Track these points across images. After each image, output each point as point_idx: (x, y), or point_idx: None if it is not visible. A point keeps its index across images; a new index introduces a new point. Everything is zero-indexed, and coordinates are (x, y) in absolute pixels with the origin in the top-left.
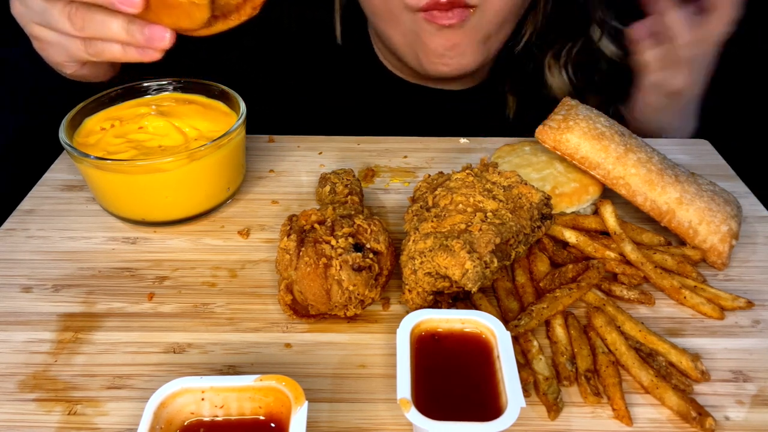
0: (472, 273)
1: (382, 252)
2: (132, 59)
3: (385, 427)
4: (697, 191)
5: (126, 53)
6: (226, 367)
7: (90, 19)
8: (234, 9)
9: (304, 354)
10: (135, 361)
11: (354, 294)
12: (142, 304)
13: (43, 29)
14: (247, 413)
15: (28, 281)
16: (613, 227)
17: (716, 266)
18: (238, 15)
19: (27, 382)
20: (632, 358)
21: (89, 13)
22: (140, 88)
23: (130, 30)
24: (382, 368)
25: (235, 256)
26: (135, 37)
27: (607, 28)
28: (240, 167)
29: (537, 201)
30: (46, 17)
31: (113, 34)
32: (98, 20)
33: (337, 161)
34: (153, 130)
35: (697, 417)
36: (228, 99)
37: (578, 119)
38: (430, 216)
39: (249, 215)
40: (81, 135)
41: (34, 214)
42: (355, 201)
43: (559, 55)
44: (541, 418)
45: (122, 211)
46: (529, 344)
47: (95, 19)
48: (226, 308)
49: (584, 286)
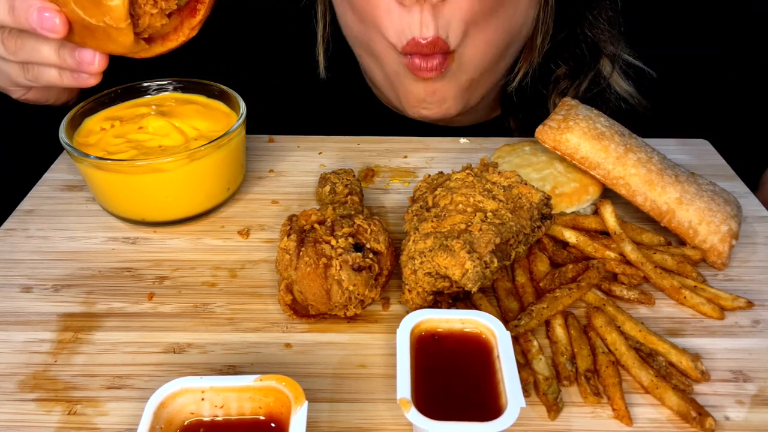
0: (472, 273)
1: (382, 252)
2: (68, 84)
3: (385, 427)
4: (697, 191)
5: (62, 78)
6: (226, 367)
7: (21, 44)
8: (171, 31)
9: (304, 354)
10: (135, 361)
11: (354, 294)
12: (142, 304)
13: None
14: (247, 413)
15: (28, 281)
16: (613, 227)
17: (716, 266)
18: (176, 36)
19: (27, 382)
20: (632, 358)
21: (20, 39)
22: (140, 88)
23: (61, 54)
24: (382, 368)
25: (235, 256)
26: (66, 62)
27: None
28: (240, 167)
29: (537, 201)
30: None
31: (45, 58)
32: (29, 45)
33: (337, 161)
34: (153, 130)
35: (697, 417)
36: (228, 99)
37: (578, 119)
38: (430, 216)
39: (249, 215)
40: (81, 135)
41: (34, 214)
42: (355, 201)
43: (566, 93)
44: (541, 418)
45: (122, 211)
46: (529, 344)
47: (26, 43)
48: (226, 308)
49: (584, 286)
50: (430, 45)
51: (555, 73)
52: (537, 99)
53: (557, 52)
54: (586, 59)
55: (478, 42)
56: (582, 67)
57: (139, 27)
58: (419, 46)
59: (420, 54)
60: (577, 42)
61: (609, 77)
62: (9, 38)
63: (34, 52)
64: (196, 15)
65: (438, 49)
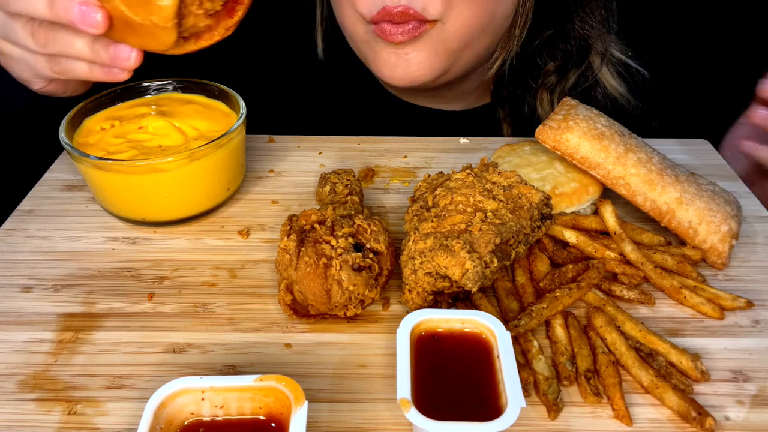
0: (472, 273)
1: (382, 252)
2: (97, 78)
3: (385, 427)
4: (697, 191)
5: (91, 72)
6: (226, 367)
7: (53, 37)
8: (206, 30)
9: (304, 354)
10: (135, 361)
11: (354, 294)
12: (142, 304)
13: (6, 44)
14: (247, 413)
15: (28, 281)
16: (613, 227)
17: (716, 266)
18: (210, 35)
19: (27, 382)
20: (632, 358)
21: (52, 31)
22: (140, 88)
23: (95, 48)
24: (382, 368)
25: (235, 256)
26: (99, 56)
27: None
28: (240, 167)
29: (537, 201)
30: (8, 32)
31: (77, 52)
32: (61, 38)
33: (337, 161)
34: (153, 130)
35: (697, 417)
36: (228, 99)
37: (578, 119)
38: (430, 216)
39: (249, 215)
40: (81, 135)
41: (34, 214)
42: (355, 201)
43: (553, 89)
44: (541, 418)
45: (122, 211)
46: (529, 344)
47: (58, 36)
48: (226, 308)
49: (584, 286)
50: (401, 14)
51: (545, 67)
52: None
53: (546, 47)
54: (574, 56)
55: (462, 12)
56: (570, 63)
57: (182, 27)
58: (389, 14)
59: (390, 21)
60: (566, 38)
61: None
62: (39, 30)
63: (66, 46)
64: (234, 16)
65: (409, 18)
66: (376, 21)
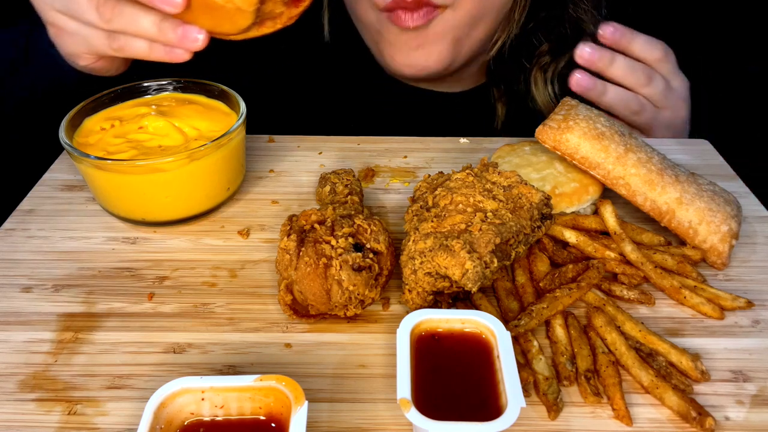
0: (472, 273)
1: (382, 252)
2: (157, 58)
3: (385, 427)
4: (697, 191)
5: (152, 51)
6: (226, 367)
7: (120, 11)
8: (270, 17)
9: (304, 354)
10: (135, 361)
11: (354, 294)
12: (142, 304)
13: (63, 17)
14: (247, 413)
15: (28, 281)
16: (613, 227)
17: (716, 266)
18: (273, 23)
19: (27, 382)
20: (632, 358)
21: (119, 5)
22: (140, 88)
23: (162, 27)
24: (382, 368)
25: (235, 256)
26: (166, 35)
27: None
28: (240, 167)
29: (537, 201)
30: (70, 5)
31: (143, 29)
32: (128, 13)
33: (337, 161)
34: (153, 130)
35: (697, 417)
36: (228, 99)
37: (578, 119)
38: (430, 216)
39: (249, 215)
40: (81, 135)
41: (34, 214)
42: (355, 201)
43: (546, 69)
44: (541, 418)
45: (122, 211)
46: (529, 344)
47: (125, 11)
48: (226, 308)
49: (584, 286)
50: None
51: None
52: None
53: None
54: (568, 38)
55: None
56: (563, 45)
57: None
58: (404, 1)
59: (403, 8)
60: (560, 21)
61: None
62: (106, 5)
63: (132, 23)
64: (299, 6)
65: (422, 5)
66: (390, 8)
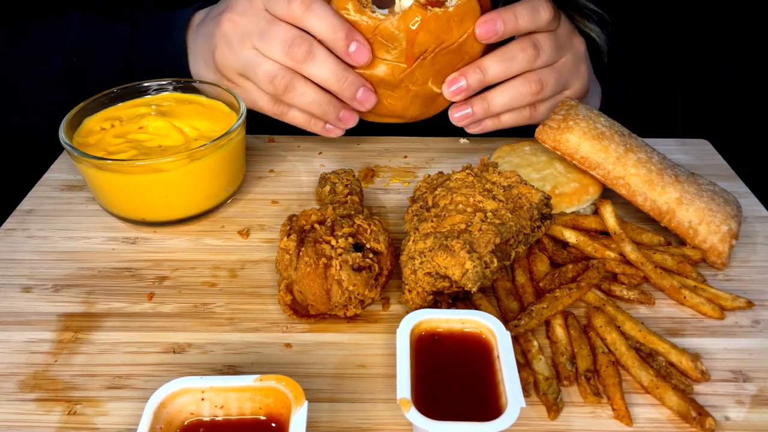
0: (472, 273)
1: (382, 252)
2: (313, 130)
3: (385, 427)
4: (697, 191)
5: (309, 124)
6: (226, 367)
7: (292, 86)
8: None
9: (304, 354)
10: (135, 361)
11: (354, 294)
12: (142, 304)
13: (242, 78)
14: (247, 413)
15: (28, 281)
16: (613, 227)
17: (716, 266)
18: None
19: (27, 382)
20: (632, 358)
21: (293, 81)
22: (140, 88)
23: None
24: (382, 368)
25: (235, 256)
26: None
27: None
28: (240, 167)
29: (537, 201)
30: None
31: (308, 106)
32: (300, 89)
33: (337, 161)
34: (153, 130)
35: (697, 417)
36: (228, 99)
37: (578, 119)
38: (430, 216)
39: (249, 215)
40: (81, 135)
41: (34, 214)
42: (355, 201)
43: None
44: (541, 418)
45: (122, 211)
46: (529, 344)
47: (297, 87)
48: (226, 308)
49: (584, 286)
50: None
51: None
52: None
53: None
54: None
55: None
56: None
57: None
58: None
59: None
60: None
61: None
62: (282, 80)
63: (300, 97)
64: None
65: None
66: None
